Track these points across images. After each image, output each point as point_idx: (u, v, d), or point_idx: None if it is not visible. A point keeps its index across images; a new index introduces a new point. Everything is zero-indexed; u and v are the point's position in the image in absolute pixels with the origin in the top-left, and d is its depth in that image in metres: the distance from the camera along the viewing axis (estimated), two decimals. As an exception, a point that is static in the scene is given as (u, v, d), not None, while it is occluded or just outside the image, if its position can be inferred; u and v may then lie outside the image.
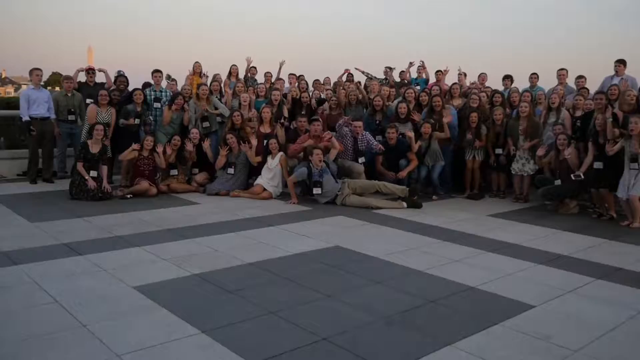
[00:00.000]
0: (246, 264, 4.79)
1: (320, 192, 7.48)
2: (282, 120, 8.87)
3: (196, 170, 8.63)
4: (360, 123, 8.36)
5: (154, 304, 3.74)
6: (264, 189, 7.96)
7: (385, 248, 5.40)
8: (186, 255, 4.98)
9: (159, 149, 8.01)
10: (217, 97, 9.34)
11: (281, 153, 8.16)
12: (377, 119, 9.02)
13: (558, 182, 7.56)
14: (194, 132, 8.59)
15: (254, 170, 8.44)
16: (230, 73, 10.68)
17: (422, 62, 11.10)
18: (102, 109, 8.43)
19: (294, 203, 7.60)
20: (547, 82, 10.07)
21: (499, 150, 8.48)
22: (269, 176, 8.06)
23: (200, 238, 5.61)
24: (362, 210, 7.30)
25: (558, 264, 5.00)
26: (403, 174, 8.07)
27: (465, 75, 11.08)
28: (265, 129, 8.68)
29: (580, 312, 3.79)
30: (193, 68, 10.92)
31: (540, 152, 7.81)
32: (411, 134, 8.04)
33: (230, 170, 8.28)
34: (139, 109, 8.65)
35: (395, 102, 9.37)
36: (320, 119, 8.44)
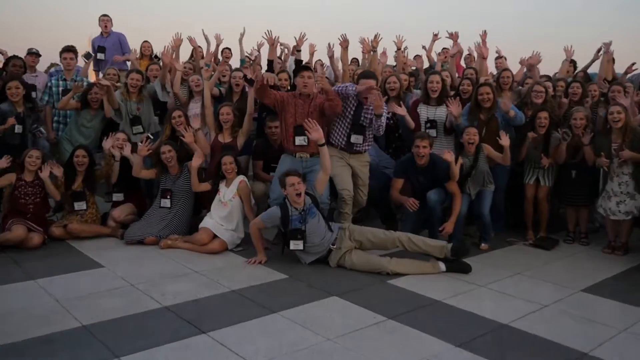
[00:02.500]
0: None
1: (301, 247, 4.52)
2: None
3: (120, 196, 5.65)
4: (372, 82, 4.95)
5: None
6: (214, 236, 4.99)
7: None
8: None
9: (44, 170, 5.05)
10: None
11: (241, 177, 5.18)
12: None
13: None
14: (120, 137, 5.62)
15: (203, 202, 5.47)
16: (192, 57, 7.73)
17: (454, 33, 7.71)
18: (-34, 106, 5.45)
19: (259, 263, 4.65)
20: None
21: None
22: (223, 214, 5.09)
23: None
24: (372, 278, 4.35)
25: None
26: (449, 228, 5.02)
27: (505, 59, 8.08)
28: (225, 137, 5.69)
29: None
30: (141, 49, 8.05)
31: None
32: (451, 156, 5.05)
33: (165, 203, 5.31)
34: (19, 110, 5.60)
35: (415, 93, 6.42)
36: (311, 69, 5.24)
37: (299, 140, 4.95)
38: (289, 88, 5.89)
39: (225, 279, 4.27)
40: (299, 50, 6.23)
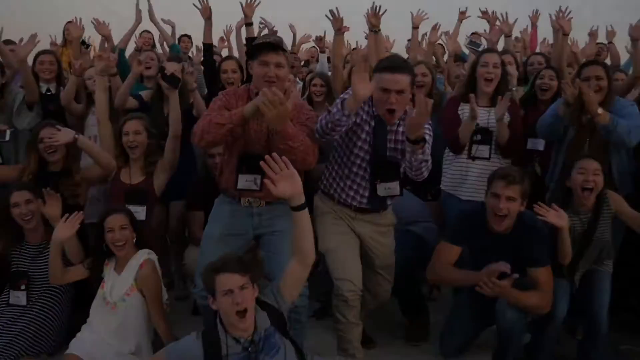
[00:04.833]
0: None
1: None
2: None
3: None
4: (405, 77, 2.48)
5: None
6: (91, 370, 2.64)
7: None
8: None
9: None
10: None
11: (144, 256, 2.78)
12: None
13: None
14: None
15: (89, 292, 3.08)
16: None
17: (487, 11, 5.30)
18: None
19: None
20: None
21: None
22: (112, 325, 2.72)
23: None
24: None
25: None
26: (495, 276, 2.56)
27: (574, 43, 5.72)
28: (133, 175, 3.30)
29: None
30: (63, 34, 5.99)
31: None
32: (563, 220, 2.60)
33: (16, 298, 2.93)
34: None
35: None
36: (283, 49, 2.54)
37: (244, 181, 2.57)
38: (239, 84, 3.56)
39: None
40: (250, 24, 3.96)
